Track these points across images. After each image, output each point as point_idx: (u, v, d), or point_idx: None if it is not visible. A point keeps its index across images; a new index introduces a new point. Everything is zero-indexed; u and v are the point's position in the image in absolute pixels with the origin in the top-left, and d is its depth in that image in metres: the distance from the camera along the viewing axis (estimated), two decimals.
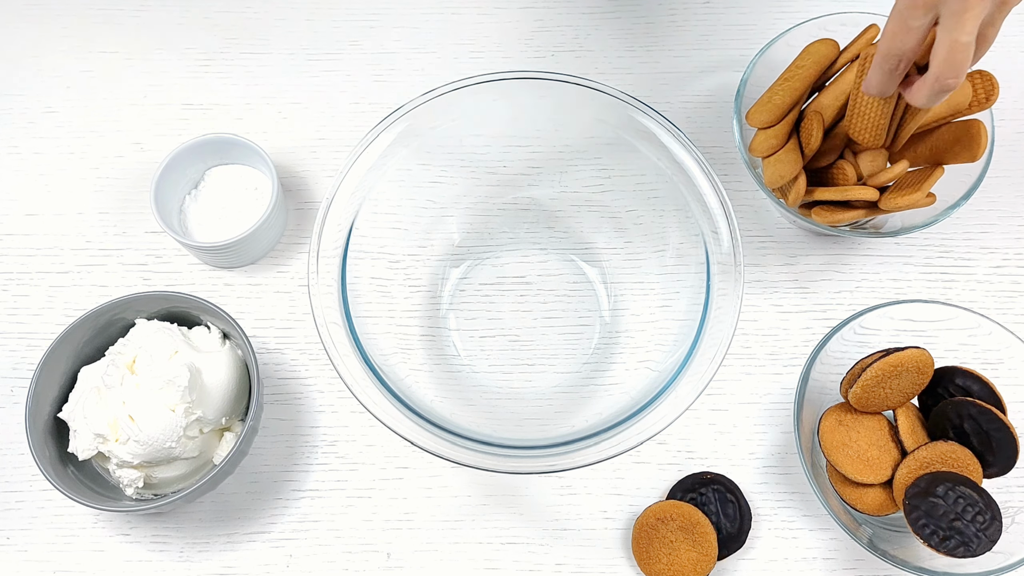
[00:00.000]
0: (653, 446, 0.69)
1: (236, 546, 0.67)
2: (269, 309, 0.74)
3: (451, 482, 0.69)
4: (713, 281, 0.62)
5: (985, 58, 0.79)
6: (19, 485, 0.69)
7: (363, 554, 0.67)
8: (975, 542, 0.58)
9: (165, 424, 0.61)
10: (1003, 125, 0.76)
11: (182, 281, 0.74)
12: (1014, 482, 0.63)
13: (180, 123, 0.80)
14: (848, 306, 0.73)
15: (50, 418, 0.65)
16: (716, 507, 0.66)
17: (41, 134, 0.79)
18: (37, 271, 0.75)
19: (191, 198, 0.74)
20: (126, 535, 0.68)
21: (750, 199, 0.77)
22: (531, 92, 0.66)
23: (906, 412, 0.65)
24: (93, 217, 0.77)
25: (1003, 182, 0.77)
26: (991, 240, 0.75)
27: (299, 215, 0.77)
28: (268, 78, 0.81)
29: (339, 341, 0.60)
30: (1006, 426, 0.61)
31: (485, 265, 0.74)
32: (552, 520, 0.68)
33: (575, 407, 0.68)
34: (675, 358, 0.61)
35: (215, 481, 0.63)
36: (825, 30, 0.70)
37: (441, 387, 0.69)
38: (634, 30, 0.83)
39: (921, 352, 0.62)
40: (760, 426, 0.70)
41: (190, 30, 0.83)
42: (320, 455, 0.70)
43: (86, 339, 0.66)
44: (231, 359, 0.66)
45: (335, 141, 0.79)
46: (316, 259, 0.62)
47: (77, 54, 0.82)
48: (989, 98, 0.64)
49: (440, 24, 0.83)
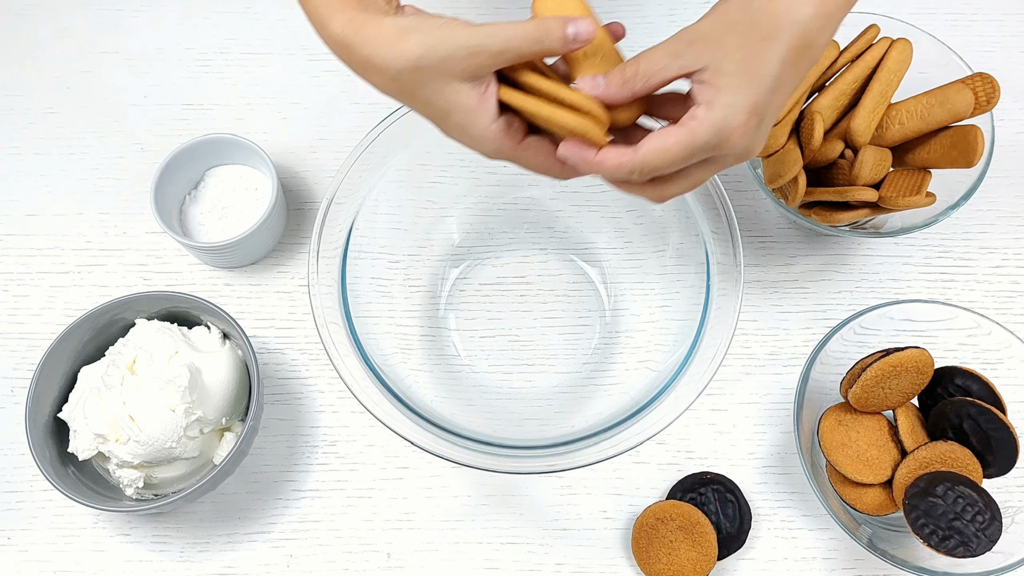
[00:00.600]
0: (653, 446, 0.69)
1: (236, 546, 0.68)
2: (269, 309, 0.74)
3: (451, 482, 0.69)
4: (713, 281, 0.62)
5: (985, 59, 0.80)
6: (19, 485, 0.69)
7: (363, 554, 0.67)
8: (975, 542, 0.58)
9: (165, 424, 0.61)
10: (1003, 126, 0.76)
11: (182, 281, 0.75)
12: (1014, 482, 0.63)
13: (180, 123, 0.80)
14: (848, 306, 0.73)
15: (50, 418, 0.65)
16: (716, 507, 0.66)
17: (42, 134, 0.79)
18: (37, 271, 0.75)
19: (191, 198, 0.74)
20: (126, 535, 0.68)
21: (750, 199, 0.77)
22: None
23: (906, 412, 0.65)
24: (93, 217, 0.77)
25: (1003, 182, 0.77)
26: (991, 240, 0.75)
27: (299, 215, 0.77)
28: (268, 78, 0.81)
29: (339, 341, 0.60)
30: (1006, 426, 0.61)
31: (485, 265, 0.74)
32: (552, 520, 0.68)
33: (575, 407, 0.68)
34: (675, 358, 0.61)
35: (215, 481, 0.63)
36: None
37: (441, 387, 0.69)
38: (634, 30, 0.83)
39: (921, 352, 0.62)
40: (760, 426, 0.70)
41: (190, 30, 0.83)
42: (320, 455, 0.70)
43: (86, 339, 0.66)
44: (231, 359, 0.66)
45: (335, 141, 0.79)
46: (316, 259, 0.62)
47: (77, 54, 0.82)
48: (990, 101, 0.64)
49: None
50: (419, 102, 0.46)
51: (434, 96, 0.45)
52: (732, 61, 0.42)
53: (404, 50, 0.44)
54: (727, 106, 0.42)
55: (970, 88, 0.65)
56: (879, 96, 0.67)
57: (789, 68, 0.42)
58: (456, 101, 0.45)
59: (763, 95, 0.42)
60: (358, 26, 0.45)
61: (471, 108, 0.45)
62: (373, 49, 0.45)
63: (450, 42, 0.43)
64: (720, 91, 0.42)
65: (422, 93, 0.45)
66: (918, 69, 0.69)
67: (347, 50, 0.46)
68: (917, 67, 0.68)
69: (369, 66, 0.46)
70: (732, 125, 0.42)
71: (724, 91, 0.42)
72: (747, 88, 0.42)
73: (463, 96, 0.45)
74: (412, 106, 0.47)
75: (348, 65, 0.47)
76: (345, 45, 0.46)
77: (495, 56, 0.44)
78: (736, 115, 0.42)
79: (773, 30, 0.41)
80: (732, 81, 0.42)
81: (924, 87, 0.68)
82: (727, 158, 0.45)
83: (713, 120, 0.42)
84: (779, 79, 0.42)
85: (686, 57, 0.43)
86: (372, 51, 0.45)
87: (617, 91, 0.45)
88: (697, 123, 0.42)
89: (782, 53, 0.42)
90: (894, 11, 0.72)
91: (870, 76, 0.68)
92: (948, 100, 0.65)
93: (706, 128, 0.42)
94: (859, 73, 0.68)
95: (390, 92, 0.46)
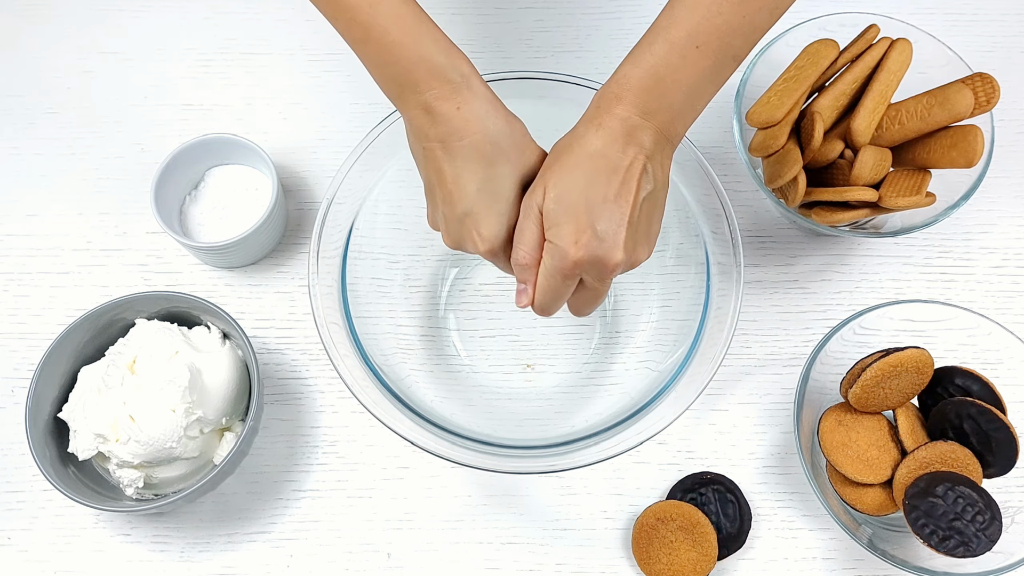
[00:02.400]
0: (653, 446, 0.69)
1: (236, 546, 0.68)
2: (269, 309, 0.74)
3: (451, 482, 0.69)
4: (713, 281, 0.62)
5: (985, 59, 0.80)
6: (20, 485, 0.69)
7: (363, 554, 0.67)
8: (975, 542, 0.58)
9: (165, 424, 0.61)
10: (1003, 125, 0.76)
11: (182, 281, 0.75)
12: (1014, 482, 0.63)
13: (180, 123, 0.80)
14: (848, 306, 0.73)
15: (50, 418, 0.65)
16: (716, 507, 0.66)
17: (42, 135, 0.79)
18: (38, 271, 0.75)
19: (191, 198, 0.74)
20: (126, 535, 0.68)
21: (750, 199, 0.77)
22: (531, 92, 0.66)
23: (906, 412, 0.65)
24: (94, 217, 0.77)
25: (1003, 182, 0.77)
26: (991, 240, 0.75)
27: (299, 215, 0.77)
28: (268, 78, 0.81)
29: (339, 341, 0.60)
30: (1006, 426, 0.61)
31: (485, 265, 0.74)
32: (552, 520, 0.68)
33: (575, 407, 0.68)
34: (675, 358, 0.61)
35: (215, 481, 0.63)
36: (825, 30, 0.70)
37: (441, 387, 0.69)
38: (634, 30, 0.83)
39: (921, 352, 0.62)
40: (760, 426, 0.70)
41: (190, 30, 0.83)
42: (320, 455, 0.70)
43: (86, 339, 0.66)
44: (231, 359, 0.66)
45: (335, 141, 0.79)
46: (316, 259, 0.62)
47: (77, 54, 0.82)
48: (990, 101, 0.64)
49: (440, 24, 0.83)
50: (490, 168, 0.52)
51: (506, 178, 0.52)
52: (550, 200, 0.50)
53: (516, 126, 0.52)
54: (556, 236, 0.50)
55: (970, 88, 0.65)
56: (879, 96, 0.67)
57: (593, 181, 0.50)
58: (510, 192, 0.52)
59: (582, 217, 0.50)
60: (479, 81, 0.52)
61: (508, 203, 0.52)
62: (493, 109, 0.51)
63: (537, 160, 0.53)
64: (550, 228, 0.50)
65: (501, 168, 0.52)
66: (918, 69, 0.69)
67: (465, 95, 0.51)
68: (917, 67, 0.68)
69: (479, 118, 0.51)
70: (567, 249, 0.50)
71: (553, 227, 0.50)
72: (563, 210, 0.50)
73: (515, 192, 0.52)
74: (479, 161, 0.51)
75: (448, 108, 0.51)
76: (466, 92, 0.51)
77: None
78: (566, 239, 0.50)
79: (575, 163, 0.50)
80: (555, 218, 0.50)
81: (924, 87, 0.68)
82: (604, 269, 0.51)
83: (551, 251, 0.50)
84: (590, 199, 0.50)
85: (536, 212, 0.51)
86: (491, 111, 0.51)
87: (531, 287, 0.53)
88: (546, 255, 0.51)
89: (587, 175, 0.50)
90: (894, 11, 0.72)
91: (870, 76, 0.68)
92: (948, 100, 0.65)
93: (548, 258, 0.51)
94: (859, 73, 0.68)
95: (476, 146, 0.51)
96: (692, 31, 0.51)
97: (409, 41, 0.51)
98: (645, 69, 0.51)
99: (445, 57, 0.51)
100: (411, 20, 0.52)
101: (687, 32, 0.51)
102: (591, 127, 0.52)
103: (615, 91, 0.52)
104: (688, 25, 0.51)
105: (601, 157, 0.50)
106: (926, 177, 0.67)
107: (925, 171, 0.67)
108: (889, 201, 0.65)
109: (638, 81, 0.51)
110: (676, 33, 0.51)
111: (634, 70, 0.52)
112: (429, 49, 0.51)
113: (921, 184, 0.66)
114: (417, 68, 0.51)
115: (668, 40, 0.51)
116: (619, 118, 0.51)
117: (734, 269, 0.61)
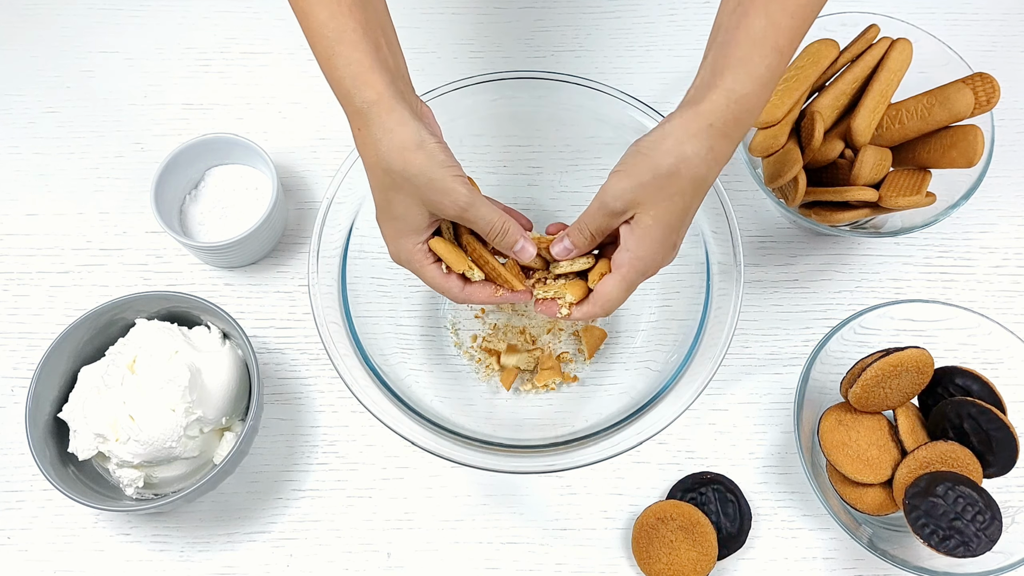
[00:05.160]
0: (653, 446, 0.69)
1: (236, 546, 0.68)
2: (269, 309, 0.74)
3: (451, 482, 0.69)
4: (713, 281, 0.62)
5: (985, 59, 0.80)
6: (19, 485, 0.69)
7: (363, 554, 0.67)
8: (975, 542, 0.58)
9: (165, 424, 0.61)
10: (1003, 125, 0.76)
11: (182, 281, 0.75)
12: (1014, 482, 0.63)
13: (180, 123, 0.80)
14: (848, 306, 0.73)
15: (50, 418, 0.65)
16: (716, 507, 0.66)
17: (41, 134, 0.79)
18: (37, 271, 0.75)
19: (191, 198, 0.74)
20: (126, 535, 0.68)
21: (750, 199, 0.77)
22: (531, 92, 0.66)
23: (906, 412, 0.65)
24: (93, 217, 0.77)
25: (1003, 182, 0.77)
26: (991, 240, 0.75)
27: (299, 215, 0.77)
28: (268, 78, 0.81)
29: (339, 341, 0.60)
30: (1006, 426, 0.61)
31: None
32: (552, 520, 0.68)
33: (575, 407, 0.68)
34: (675, 358, 0.62)
35: (215, 481, 0.63)
36: (825, 30, 0.70)
37: (441, 387, 0.69)
38: (634, 30, 0.83)
39: (921, 352, 0.62)
40: (760, 426, 0.70)
41: (190, 30, 0.83)
42: (320, 455, 0.70)
43: (86, 339, 0.66)
44: (231, 359, 0.66)
45: (335, 141, 0.79)
46: (316, 259, 0.62)
47: (77, 54, 0.82)
48: (990, 101, 0.64)
49: (440, 24, 0.83)
50: (385, 192, 0.53)
51: (401, 204, 0.53)
52: (648, 216, 0.53)
53: (410, 162, 0.51)
54: (648, 249, 0.53)
55: (970, 88, 0.65)
56: (879, 96, 0.67)
57: (690, 206, 0.53)
58: (412, 218, 0.54)
59: (672, 233, 0.54)
60: (384, 111, 0.52)
61: (418, 228, 0.54)
62: (387, 140, 0.52)
63: (446, 191, 0.52)
64: (642, 240, 0.53)
65: (395, 195, 0.53)
66: (918, 69, 0.69)
67: (364, 123, 0.52)
68: (917, 67, 0.68)
69: (374, 146, 0.52)
70: (651, 262, 0.54)
71: (644, 239, 0.53)
72: (661, 233, 0.53)
73: (420, 218, 0.54)
74: (376, 186, 0.54)
75: (355, 130, 0.53)
76: (365, 120, 0.52)
77: (464, 222, 0.54)
78: (655, 255, 0.54)
79: (678, 189, 0.52)
80: (649, 232, 0.53)
81: (924, 87, 0.68)
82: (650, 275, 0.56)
83: (637, 266, 0.54)
84: (684, 219, 0.54)
85: (618, 217, 0.54)
86: (385, 141, 0.52)
87: (586, 247, 0.56)
88: (628, 268, 0.54)
89: (687, 201, 0.53)
90: (894, 11, 0.72)
91: (870, 76, 0.68)
92: (948, 100, 0.65)
93: (635, 269, 0.54)
94: (859, 73, 0.68)
95: (372, 172, 0.53)
96: (791, 39, 0.52)
97: (324, 62, 0.53)
98: (761, 84, 0.51)
99: (351, 83, 0.52)
100: (331, 39, 0.52)
101: (789, 40, 0.51)
102: (704, 150, 0.51)
103: (735, 113, 0.51)
104: (789, 34, 0.51)
105: (703, 183, 0.52)
106: (926, 177, 0.67)
107: (925, 171, 0.67)
108: (889, 201, 0.65)
109: (757, 100, 0.51)
110: (783, 40, 0.51)
111: (750, 85, 0.51)
112: (340, 73, 0.52)
113: (921, 184, 0.66)
114: (337, 88, 0.53)
115: (778, 50, 0.51)
116: (734, 144, 0.52)
117: (734, 269, 0.61)
